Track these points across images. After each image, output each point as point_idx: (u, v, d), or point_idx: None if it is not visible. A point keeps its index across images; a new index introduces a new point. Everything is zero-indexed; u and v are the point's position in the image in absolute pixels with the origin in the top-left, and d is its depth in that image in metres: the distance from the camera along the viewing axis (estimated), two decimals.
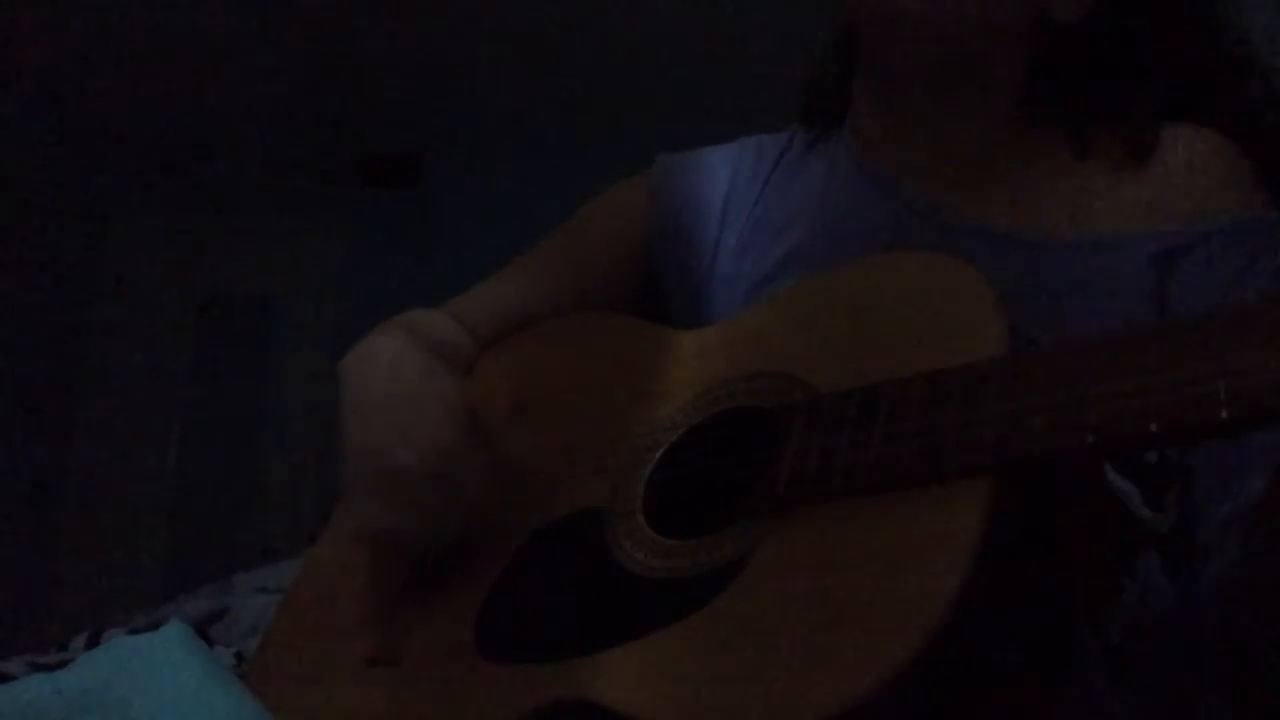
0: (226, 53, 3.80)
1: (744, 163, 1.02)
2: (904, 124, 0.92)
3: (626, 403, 0.83)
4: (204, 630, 1.34)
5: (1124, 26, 0.88)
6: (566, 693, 0.66)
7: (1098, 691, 0.74)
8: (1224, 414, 0.53)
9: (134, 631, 1.09)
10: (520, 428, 0.89)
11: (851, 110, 0.97)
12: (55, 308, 4.23)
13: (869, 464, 0.63)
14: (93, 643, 1.29)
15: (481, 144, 4.12)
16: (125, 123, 4.17)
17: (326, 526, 0.95)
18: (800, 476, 0.66)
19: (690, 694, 0.61)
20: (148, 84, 3.97)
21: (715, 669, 0.61)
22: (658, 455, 0.77)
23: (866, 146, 0.95)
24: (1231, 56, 0.91)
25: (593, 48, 3.69)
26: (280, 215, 4.28)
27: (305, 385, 3.79)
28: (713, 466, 0.74)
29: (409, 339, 0.88)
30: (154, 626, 0.69)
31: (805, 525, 0.64)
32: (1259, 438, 0.75)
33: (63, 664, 0.66)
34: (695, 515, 0.71)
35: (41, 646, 1.31)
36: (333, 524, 0.94)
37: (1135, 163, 0.86)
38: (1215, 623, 0.76)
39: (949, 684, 0.58)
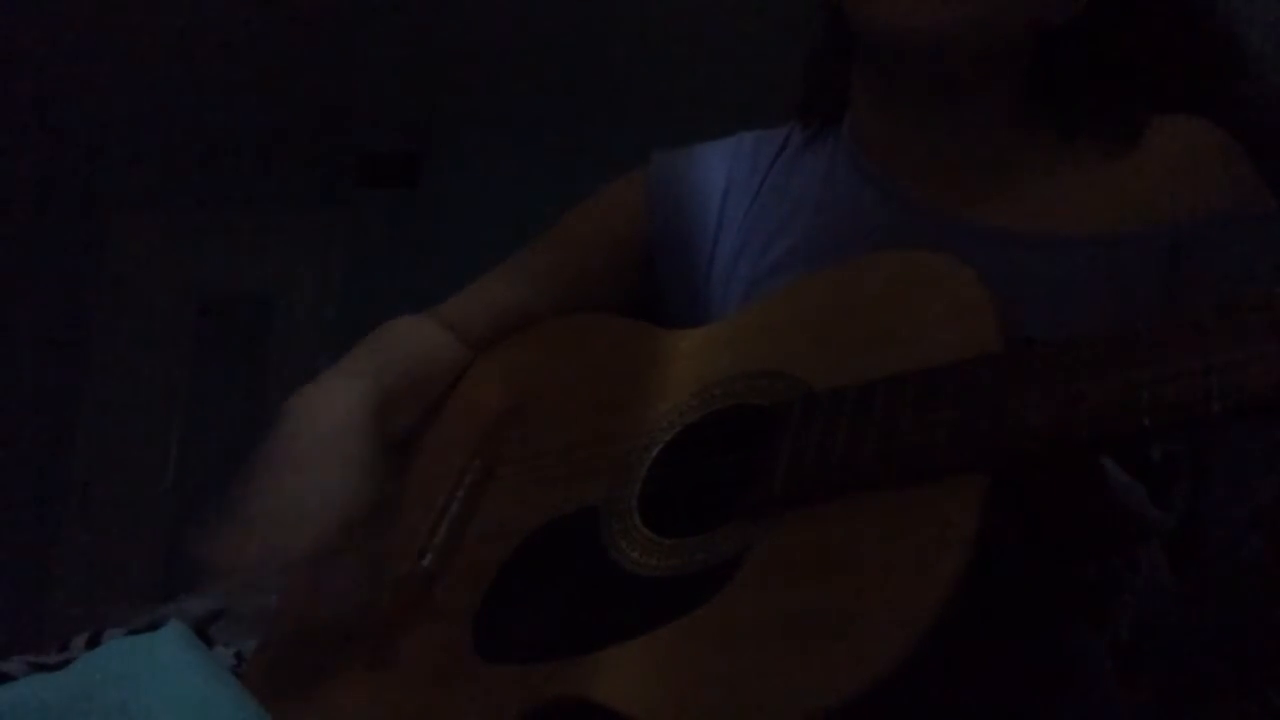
0: (226, 53, 3.80)
1: (741, 158, 1.01)
2: (903, 124, 0.92)
3: (623, 402, 0.83)
4: (204, 630, 1.34)
5: (1115, 22, 0.88)
6: (564, 692, 0.66)
7: (1102, 688, 0.73)
8: (1216, 408, 0.53)
9: (134, 631, 1.09)
10: (518, 428, 0.89)
11: (850, 108, 0.97)
12: (55, 308, 4.24)
13: (865, 462, 0.63)
14: (93, 643, 1.29)
15: (481, 144, 4.12)
16: (125, 123, 4.17)
17: None
18: (796, 475, 0.66)
19: (687, 693, 0.61)
20: (148, 84, 3.97)
21: (712, 668, 0.62)
22: (654, 454, 0.77)
23: (865, 144, 0.95)
24: (1224, 54, 0.91)
25: (592, 47, 3.69)
26: (280, 215, 4.28)
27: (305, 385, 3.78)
28: (709, 465, 0.74)
29: (359, 403, 0.87)
30: (154, 626, 0.69)
31: (801, 524, 0.64)
32: (1276, 435, 0.75)
33: (63, 664, 0.67)
34: (692, 514, 0.71)
35: (41, 646, 1.31)
36: None
37: (1124, 147, 0.86)
38: (1232, 620, 0.76)
39: (948, 680, 0.58)
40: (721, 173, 1.01)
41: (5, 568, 3.88)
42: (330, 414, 0.85)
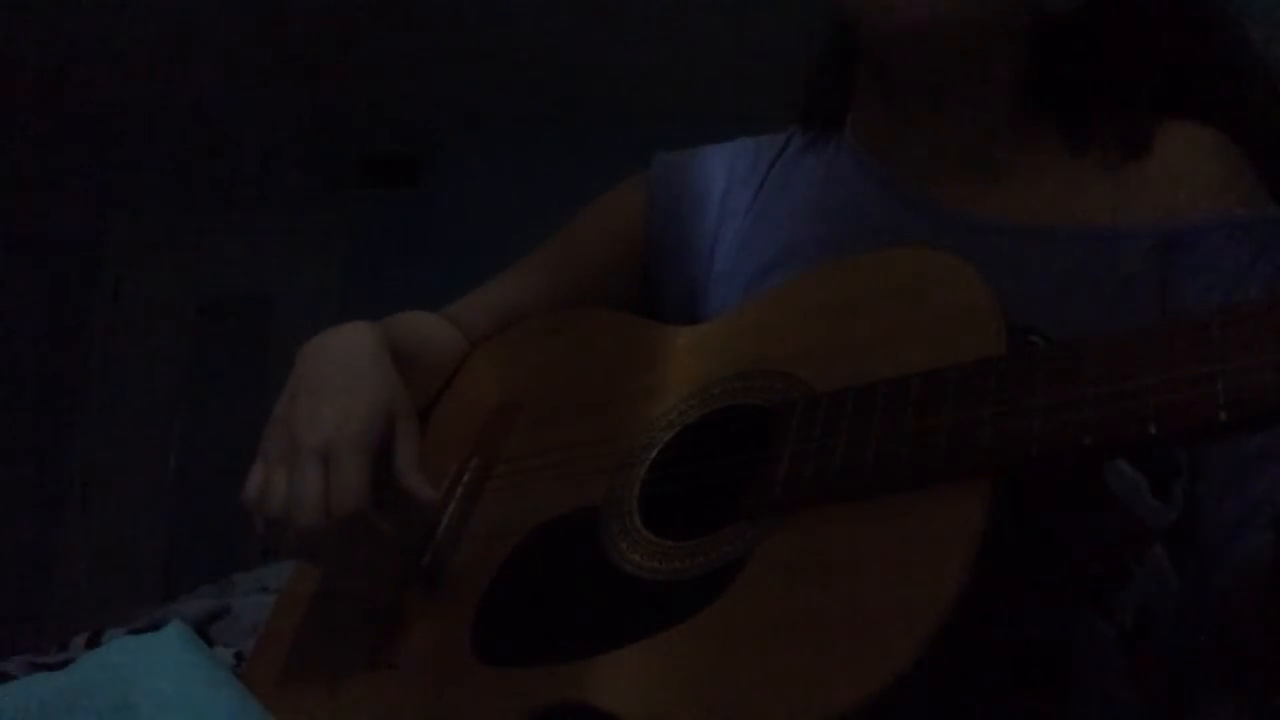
0: (227, 53, 3.80)
1: (741, 161, 1.01)
2: (905, 121, 0.92)
3: (622, 400, 0.83)
4: (204, 630, 1.34)
5: (1118, 20, 0.88)
6: (564, 696, 0.65)
7: (1110, 678, 0.73)
8: (1222, 415, 0.53)
9: (134, 631, 1.09)
10: (515, 422, 0.89)
11: (853, 108, 0.97)
12: (55, 308, 4.24)
13: (867, 464, 0.63)
14: (93, 643, 1.30)
15: (481, 144, 4.12)
16: (125, 123, 4.17)
17: None
18: (797, 477, 0.65)
19: (690, 699, 0.61)
20: (148, 84, 3.97)
21: (716, 673, 0.61)
22: (653, 454, 0.77)
23: (867, 144, 0.95)
24: (1230, 54, 0.91)
25: (592, 47, 3.69)
26: (280, 215, 4.28)
27: None
28: (709, 467, 0.73)
29: (371, 332, 0.88)
30: (154, 626, 0.69)
31: (803, 527, 0.64)
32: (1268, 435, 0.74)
33: (63, 664, 0.66)
34: (692, 516, 0.70)
35: (41, 646, 1.31)
36: None
37: (1129, 157, 0.86)
38: (1231, 620, 0.75)
39: (954, 683, 0.58)
40: (722, 173, 1.01)
41: (5, 568, 3.88)
42: (341, 343, 0.87)
